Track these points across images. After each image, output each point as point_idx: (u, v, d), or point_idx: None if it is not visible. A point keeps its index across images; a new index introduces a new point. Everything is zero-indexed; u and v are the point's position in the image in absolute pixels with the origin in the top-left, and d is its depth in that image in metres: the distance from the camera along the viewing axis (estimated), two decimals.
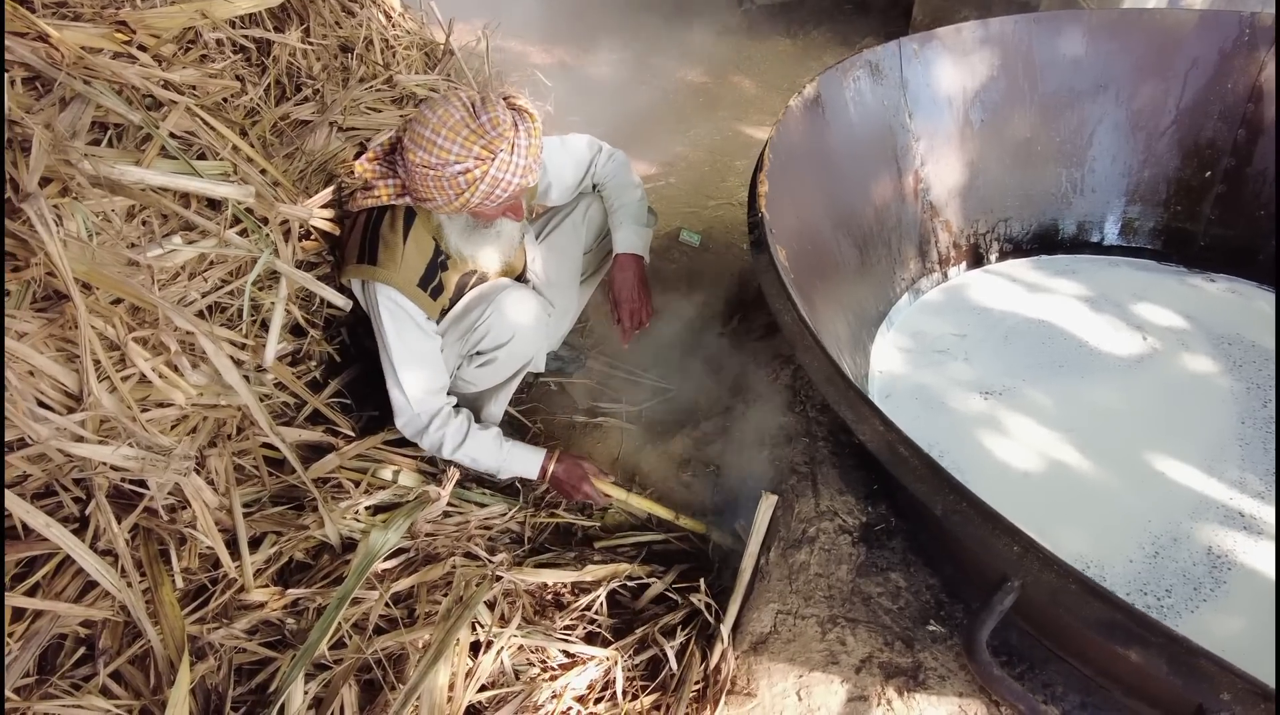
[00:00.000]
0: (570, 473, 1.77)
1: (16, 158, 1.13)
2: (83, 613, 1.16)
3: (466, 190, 1.49)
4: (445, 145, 1.46)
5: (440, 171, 1.47)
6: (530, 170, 1.54)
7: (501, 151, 1.47)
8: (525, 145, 1.50)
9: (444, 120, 1.47)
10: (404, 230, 1.62)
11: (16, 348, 1.10)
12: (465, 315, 1.74)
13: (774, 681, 1.45)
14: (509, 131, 1.48)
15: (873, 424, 1.03)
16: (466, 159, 1.46)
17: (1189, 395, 1.80)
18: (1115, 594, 0.82)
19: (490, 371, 1.77)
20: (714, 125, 3.34)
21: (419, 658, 1.33)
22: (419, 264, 1.64)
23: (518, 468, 1.75)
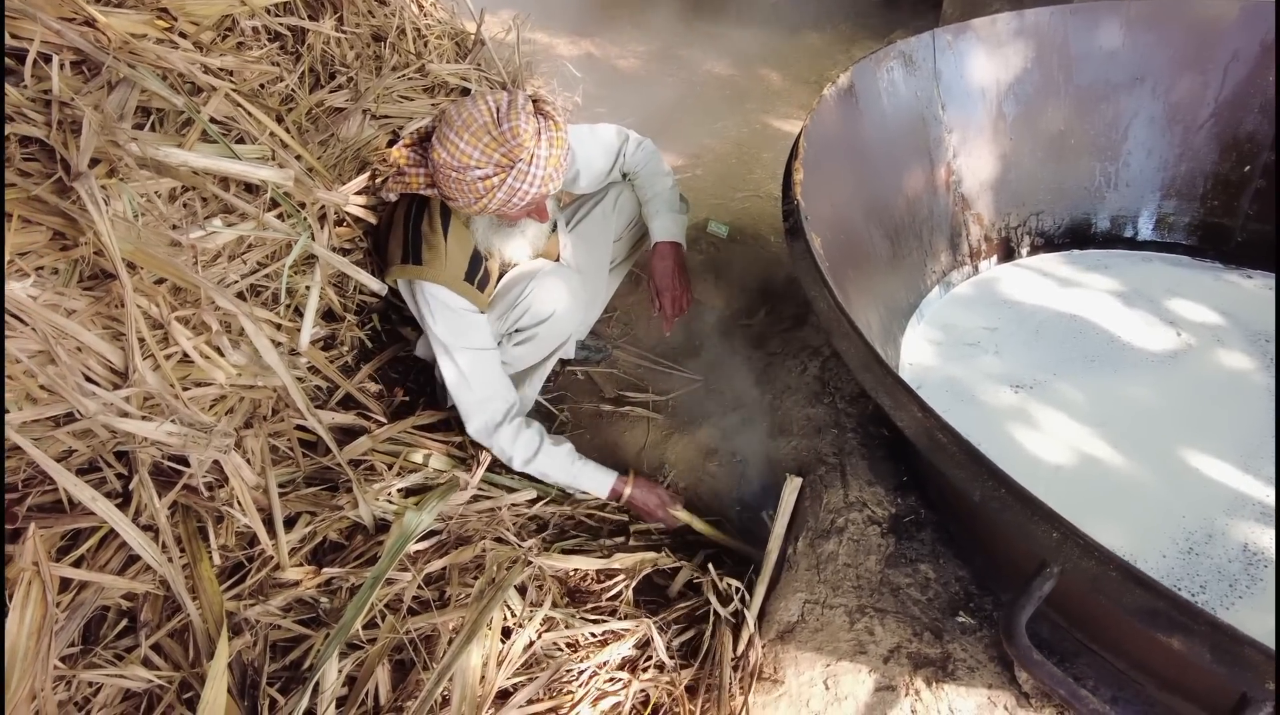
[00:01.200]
0: (647, 499, 1.79)
1: (66, 138, 1.16)
2: (125, 585, 1.18)
3: (485, 196, 1.49)
4: (466, 149, 1.46)
5: (461, 174, 1.47)
6: (550, 180, 1.53)
7: (520, 161, 1.47)
8: (545, 156, 1.49)
9: (467, 123, 1.46)
10: (443, 228, 1.64)
11: (65, 324, 1.12)
12: (505, 293, 1.76)
13: (801, 670, 1.45)
14: (529, 141, 1.47)
15: (911, 411, 1.03)
16: (486, 165, 1.46)
17: (1224, 392, 1.77)
18: (1157, 580, 0.82)
19: (528, 349, 1.79)
20: (741, 118, 3.34)
21: (450, 639, 1.35)
22: (462, 259, 1.66)
23: (587, 485, 1.77)
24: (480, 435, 1.68)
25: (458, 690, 1.27)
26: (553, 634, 1.49)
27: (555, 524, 1.81)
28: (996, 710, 1.31)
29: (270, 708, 1.27)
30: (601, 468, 1.79)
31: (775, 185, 2.89)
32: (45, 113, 1.18)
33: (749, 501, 1.87)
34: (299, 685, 1.31)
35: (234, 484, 1.26)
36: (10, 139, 1.14)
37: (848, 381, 1.88)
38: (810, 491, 1.70)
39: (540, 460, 1.70)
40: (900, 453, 1.71)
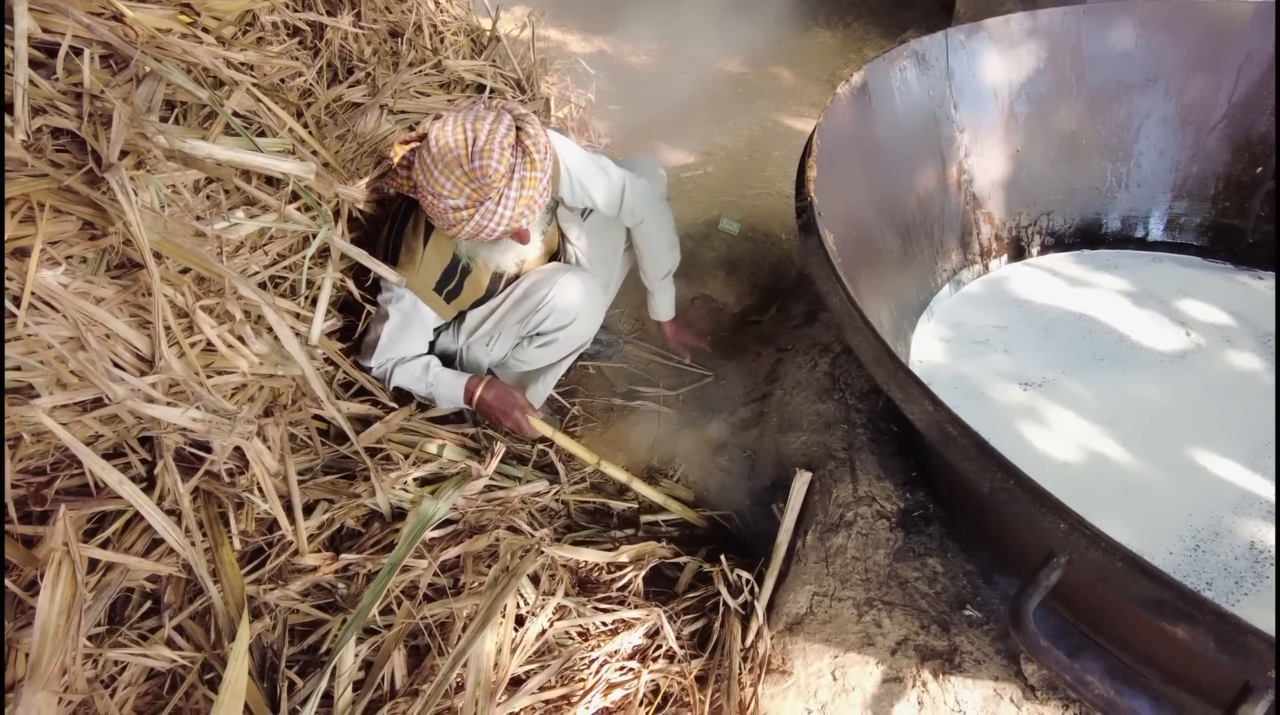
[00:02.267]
0: (501, 400, 1.78)
1: (97, 130, 1.18)
2: (150, 567, 1.21)
3: (455, 224, 1.52)
4: (439, 179, 1.48)
5: (436, 200, 1.50)
6: (521, 217, 1.55)
7: (488, 200, 1.49)
8: (514, 197, 1.51)
9: (443, 153, 1.48)
10: (425, 235, 1.67)
11: (95, 312, 1.15)
12: (525, 299, 1.79)
13: (809, 661, 1.47)
14: (499, 182, 1.48)
15: (922, 404, 1.04)
16: (458, 197, 1.49)
17: (1233, 392, 1.78)
18: (1162, 570, 0.83)
19: (549, 351, 1.83)
20: (752, 116, 3.35)
21: (465, 626, 1.37)
22: (436, 269, 1.69)
23: (446, 391, 1.77)
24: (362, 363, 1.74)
25: (472, 675, 1.30)
26: (564, 622, 1.51)
27: (565, 515, 1.84)
28: (1002, 702, 1.33)
29: (289, 690, 1.30)
30: (456, 376, 1.80)
31: (787, 183, 2.90)
32: (76, 105, 1.21)
33: (758, 496, 1.89)
34: (316, 668, 1.34)
35: (256, 470, 1.28)
36: (43, 130, 1.17)
37: (858, 378, 1.90)
38: (820, 486, 1.72)
39: (399, 373, 1.73)
40: (909, 448, 1.72)
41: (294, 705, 1.27)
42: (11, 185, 1.13)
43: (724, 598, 1.59)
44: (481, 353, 1.90)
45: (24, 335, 1.09)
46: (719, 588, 1.61)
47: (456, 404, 1.82)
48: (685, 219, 2.63)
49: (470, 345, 1.90)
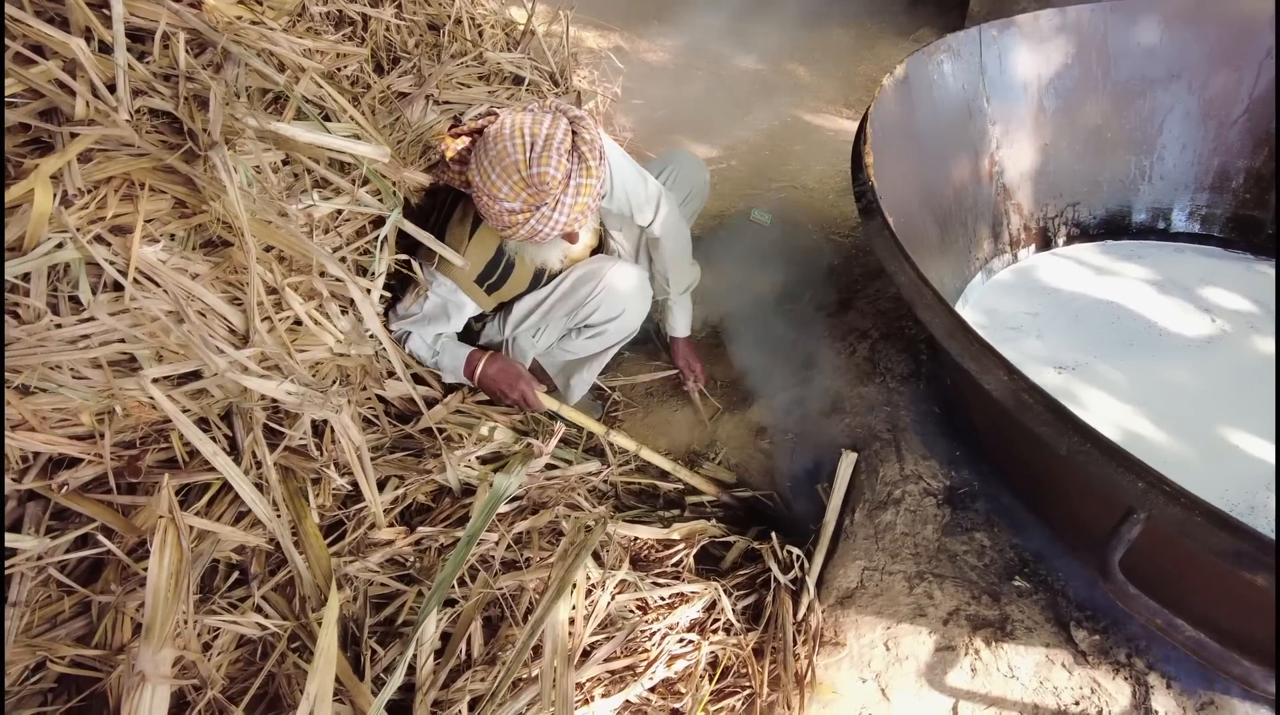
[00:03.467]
0: (504, 373, 1.80)
1: (192, 111, 1.22)
2: (242, 537, 1.25)
3: (510, 227, 1.54)
4: (496, 182, 1.49)
5: (491, 202, 1.51)
6: (576, 221, 1.56)
7: (544, 206, 1.50)
8: (570, 203, 1.52)
9: (500, 157, 1.49)
10: (471, 228, 1.69)
11: (192, 287, 1.18)
12: (574, 291, 1.82)
13: (862, 633, 1.52)
14: (556, 188, 1.49)
15: (998, 374, 1.10)
16: (514, 200, 1.50)
17: (1260, 375, 1.85)
18: (1241, 522, 0.89)
19: (596, 342, 1.87)
20: (772, 111, 3.41)
21: (537, 596, 1.42)
22: (480, 261, 1.71)
23: (449, 362, 1.79)
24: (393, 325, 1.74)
25: (549, 642, 1.33)
26: (625, 596, 1.56)
27: (614, 496, 1.89)
28: (1054, 667, 1.38)
29: (371, 658, 1.33)
30: (460, 347, 1.82)
31: (809, 177, 2.96)
32: (170, 87, 1.24)
33: (800, 477, 1.94)
34: (394, 638, 1.38)
35: (344, 444, 1.32)
36: (141, 111, 1.20)
37: (899, 362, 1.95)
38: (866, 466, 1.77)
39: (411, 341, 1.75)
40: (952, 429, 1.78)
41: (377, 673, 1.31)
42: (112, 164, 1.17)
43: (775, 573, 1.64)
44: (528, 343, 1.92)
45: (130, 308, 1.12)
46: (769, 564, 1.65)
47: (459, 377, 1.82)
48: (714, 210, 2.68)
49: (517, 336, 1.92)
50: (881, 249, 1.34)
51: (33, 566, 1.14)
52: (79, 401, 1.14)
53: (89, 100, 1.15)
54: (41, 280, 1.10)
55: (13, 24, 1.14)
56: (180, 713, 1.16)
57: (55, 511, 1.21)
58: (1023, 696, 1.35)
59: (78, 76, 1.15)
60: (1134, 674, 1.35)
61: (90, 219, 1.14)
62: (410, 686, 1.30)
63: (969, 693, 1.37)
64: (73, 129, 1.14)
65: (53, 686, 1.15)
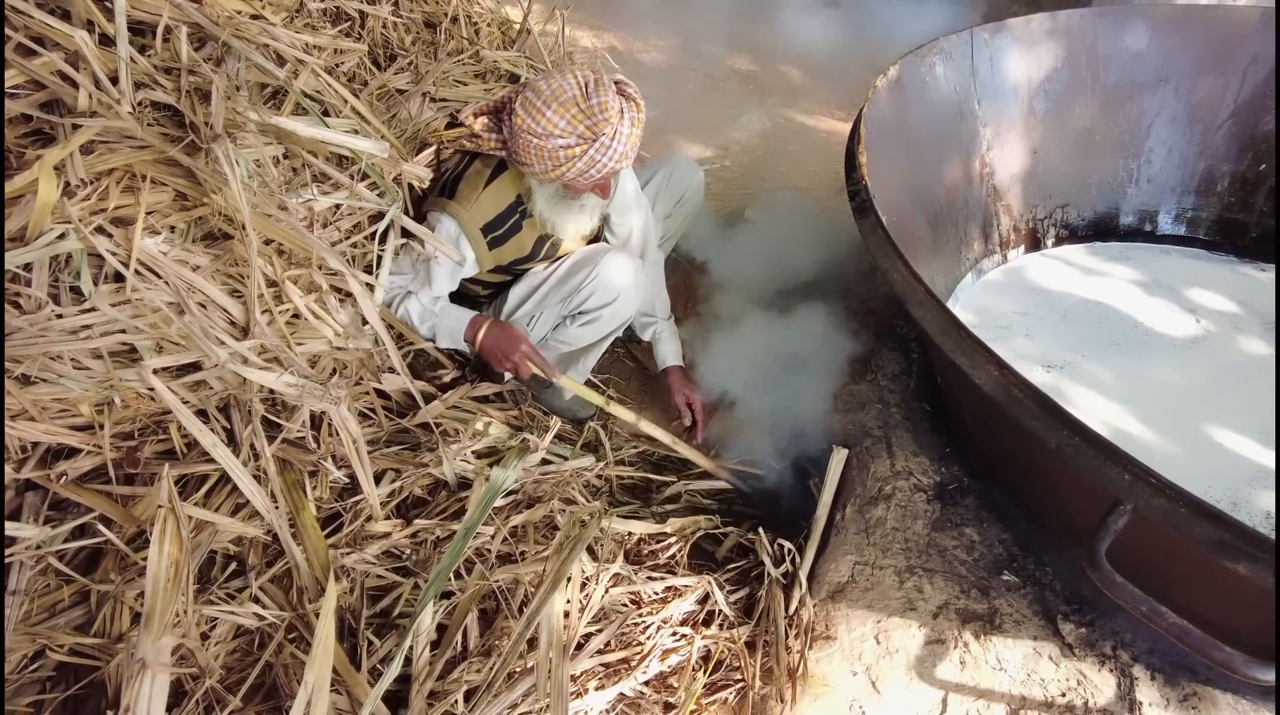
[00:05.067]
0: (503, 340, 1.80)
1: (194, 105, 1.23)
2: (240, 528, 1.25)
3: (564, 164, 1.57)
4: (552, 118, 1.53)
5: (543, 141, 1.55)
6: (626, 158, 1.61)
7: (604, 135, 1.54)
8: (627, 133, 1.57)
9: (556, 94, 1.54)
10: (489, 177, 1.72)
11: (194, 278, 1.19)
12: (568, 278, 1.84)
13: (853, 626, 1.54)
14: (615, 117, 1.54)
15: (989, 370, 1.12)
16: (570, 135, 1.54)
17: (1244, 374, 1.89)
18: (1224, 512, 0.91)
19: (590, 330, 1.87)
20: (764, 112, 3.43)
21: (532, 589, 1.43)
22: (490, 210, 1.73)
23: (448, 326, 1.79)
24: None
25: (545, 634, 1.35)
26: (619, 589, 1.57)
27: (609, 491, 1.90)
28: (1042, 660, 1.41)
29: (367, 649, 1.34)
30: (463, 310, 1.83)
31: (803, 178, 2.99)
32: (171, 80, 1.25)
33: (795, 472, 1.96)
34: (390, 630, 1.39)
35: (342, 436, 1.33)
36: (143, 104, 1.21)
37: (889, 360, 1.98)
38: (857, 462, 1.80)
39: (408, 302, 1.74)
40: (942, 426, 1.80)
41: (374, 664, 1.32)
42: (114, 156, 1.18)
43: (768, 567, 1.66)
44: (523, 330, 1.93)
45: (132, 299, 1.13)
46: (762, 558, 1.67)
47: (456, 342, 1.83)
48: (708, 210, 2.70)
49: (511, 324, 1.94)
50: (875, 247, 1.36)
51: (32, 556, 1.14)
52: (79, 392, 1.15)
53: (91, 92, 1.16)
54: (43, 270, 1.11)
55: (15, 15, 1.15)
56: (178, 702, 1.17)
57: (54, 502, 1.21)
58: (1010, 688, 1.37)
59: (80, 68, 1.16)
60: (1119, 666, 1.37)
61: (92, 210, 1.14)
62: (406, 677, 1.31)
63: (958, 685, 1.39)
64: (75, 121, 1.14)
65: (51, 675, 1.16)
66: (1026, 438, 1.11)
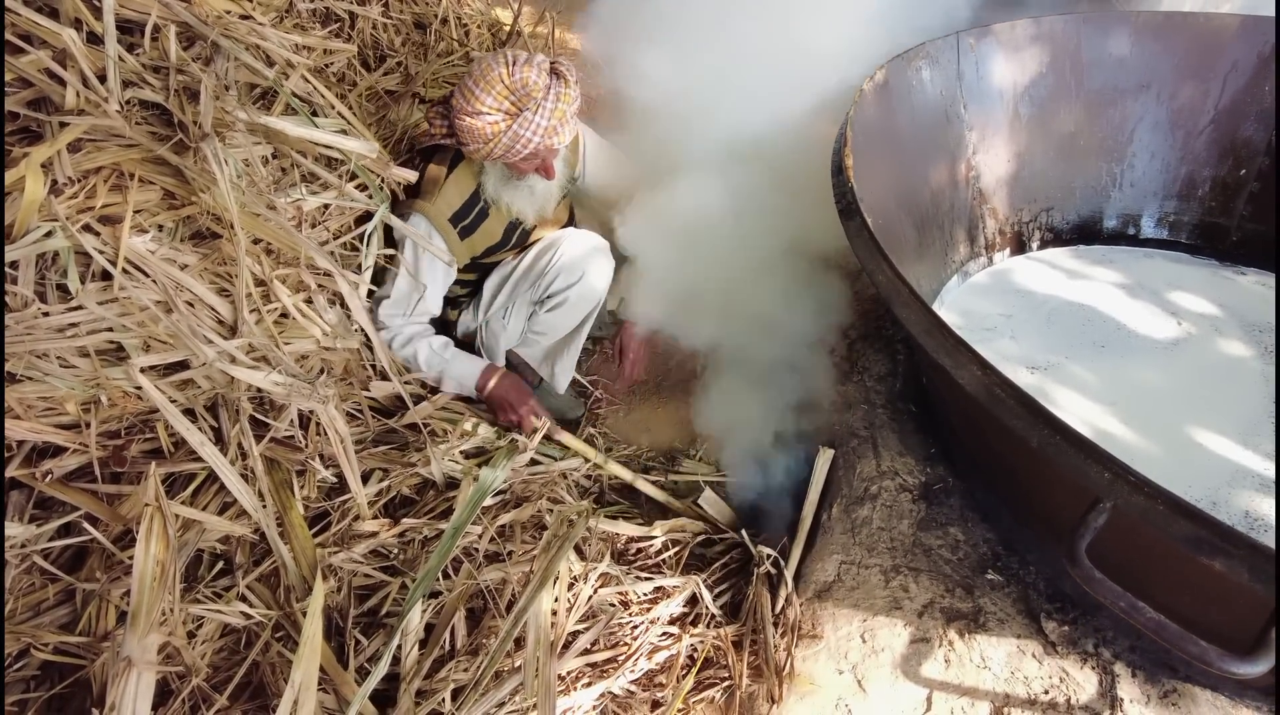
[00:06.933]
0: (512, 391, 1.83)
1: (183, 104, 1.23)
2: (227, 526, 1.25)
3: (491, 140, 1.63)
4: (480, 95, 1.60)
5: (474, 119, 1.61)
6: (554, 133, 1.65)
7: (526, 110, 1.60)
8: (550, 108, 1.62)
9: (484, 73, 1.61)
10: (449, 168, 1.77)
11: (181, 277, 1.19)
12: (534, 264, 1.88)
13: (839, 625, 1.55)
14: (537, 93, 1.61)
15: (972, 369, 1.13)
16: (496, 112, 1.60)
17: (1224, 375, 1.91)
18: (1201, 510, 0.93)
19: (562, 315, 1.90)
20: None
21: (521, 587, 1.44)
22: (455, 200, 1.77)
23: (457, 373, 1.81)
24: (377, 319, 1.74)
25: (532, 632, 1.35)
26: (608, 589, 1.58)
27: (598, 492, 1.91)
28: (1025, 658, 1.42)
29: (355, 648, 1.34)
30: (474, 358, 1.86)
31: None
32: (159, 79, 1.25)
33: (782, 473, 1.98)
34: (378, 629, 1.39)
35: (330, 435, 1.33)
36: (132, 102, 1.21)
37: (875, 361, 2.00)
38: (843, 462, 1.81)
39: (418, 343, 1.76)
40: (928, 426, 1.82)
41: (361, 663, 1.32)
42: (101, 154, 1.18)
43: (757, 567, 1.67)
44: (499, 327, 1.96)
45: (119, 297, 1.13)
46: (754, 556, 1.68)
47: (464, 389, 1.85)
48: None
49: (489, 321, 1.97)
50: (860, 249, 1.37)
51: (16, 554, 1.14)
52: (65, 390, 1.15)
53: (79, 90, 1.15)
54: (30, 268, 1.11)
55: None
56: (164, 700, 1.17)
57: (39, 500, 1.21)
58: (994, 686, 1.39)
59: (68, 66, 1.16)
60: (1101, 663, 1.38)
61: (79, 208, 1.14)
62: (394, 676, 1.31)
63: (942, 683, 1.40)
64: (63, 118, 1.14)
65: (36, 674, 1.15)
66: (1009, 437, 1.12)
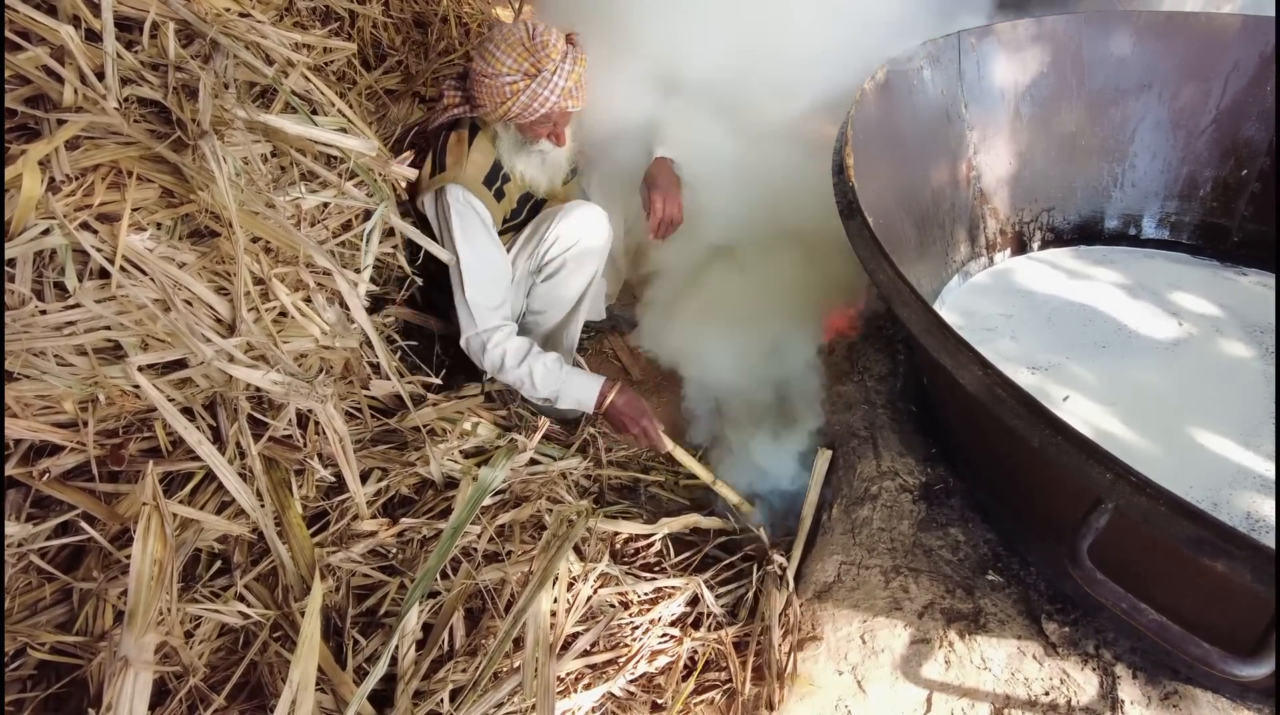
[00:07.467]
0: (631, 406, 1.84)
1: (181, 101, 1.22)
2: (225, 526, 1.25)
3: (510, 99, 1.70)
4: (500, 56, 1.68)
5: (493, 80, 1.69)
6: (569, 96, 1.72)
7: (545, 70, 1.67)
8: (568, 70, 1.70)
9: (505, 37, 1.71)
10: (469, 138, 1.82)
11: (179, 275, 1.19)
12: (534, 231, 1.92)
13: (839, 626, 1.55)
14: (555, 54, 1.69)
15: (973, 369, 1.13)
16: (515, 73, 1.68)
17: (1225, 376, 1.91)
18: (1204, 511, 0.92)
19: (558, 283, 1.91)
20: None
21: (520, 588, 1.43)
22: (483, 165, 1.83)
23: (576, 391, 1.82)
24: (472, 343, 1.78)
25: (531, 633, 1.35)
26: (607, 590, 1.57)
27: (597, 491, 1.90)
28: (1026, 659, 1.42)
29: (353, 648, 1.34)
30: (591, 375, 1.87)
31: None
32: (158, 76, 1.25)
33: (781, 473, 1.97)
34: (376, 629, 1.39)
35: (329, 434, 1.33)
36: (130, 100, 1.21)
37: (875, 361, 1.99)
38: (843, 462, 1.81)
39: (532, 361, 1.77)
40: (928, 427, 1.82)
41: (360, 663, 1.31)
42: (100, 152, 1.17)
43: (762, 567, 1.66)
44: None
45: (117, 295, 1.13)
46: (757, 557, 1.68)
47: (583, 405, 1.84)
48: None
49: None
50: (861, 248, 1.37)
51: (13, 553, 1.13)
52: (62, 388, 1.14)
53: (77, 87, 1.15)
54: (27, 266, 1.10)
55: None
56: (161, 701, 1.16)
57: (36, 499, 1.20)
58: (995, 687, 1.38)
59: (66, 63, 1.16)
60: (1101, 665, 1.38)
61: (77, 206, 1.14)
62: (392, 676, 1.31)
63: (943, 684, 1.40)
64: (60, 116, 1.14)
65: (32, 674, 1.15)
66: (1010, 437, 1.12)
